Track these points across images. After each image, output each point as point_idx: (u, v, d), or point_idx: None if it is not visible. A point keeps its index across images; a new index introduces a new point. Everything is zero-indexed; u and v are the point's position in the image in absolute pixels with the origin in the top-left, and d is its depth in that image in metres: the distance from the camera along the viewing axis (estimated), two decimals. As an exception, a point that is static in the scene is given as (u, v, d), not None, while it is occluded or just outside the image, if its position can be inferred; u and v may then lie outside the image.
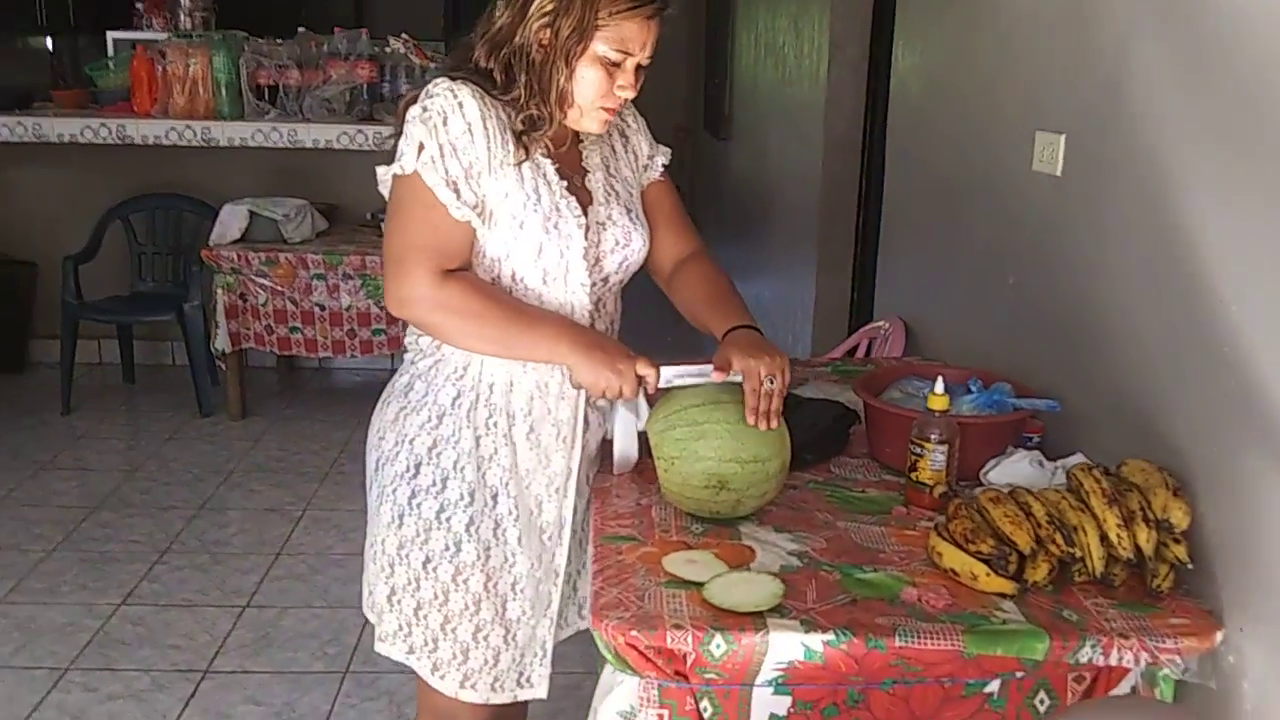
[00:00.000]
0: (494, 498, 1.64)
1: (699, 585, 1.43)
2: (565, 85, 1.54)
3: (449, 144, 1.50)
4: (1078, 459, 1.73)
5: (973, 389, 1.89)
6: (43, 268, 4.86)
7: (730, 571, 1.47)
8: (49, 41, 6.64)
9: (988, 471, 1.78)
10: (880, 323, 3.04)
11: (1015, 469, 1.76)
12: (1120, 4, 1.75)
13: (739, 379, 1.60)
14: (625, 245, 1.68)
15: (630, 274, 1.75)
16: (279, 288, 4.31)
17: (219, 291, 4.31)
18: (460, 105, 1.51)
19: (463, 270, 1.57)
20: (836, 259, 3.89)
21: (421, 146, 1.50)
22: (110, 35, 5.43)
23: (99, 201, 4.67)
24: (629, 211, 1.70)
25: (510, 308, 1.58)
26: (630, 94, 1.59)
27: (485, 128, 1.51)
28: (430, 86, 1.54)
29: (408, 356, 1.70)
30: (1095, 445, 1.77)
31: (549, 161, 1.59)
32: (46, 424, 4.32)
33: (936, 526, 1.56)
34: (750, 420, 1.58)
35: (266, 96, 4.75)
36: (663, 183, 1.82)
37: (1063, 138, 1.93)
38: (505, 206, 1.55)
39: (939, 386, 1.71)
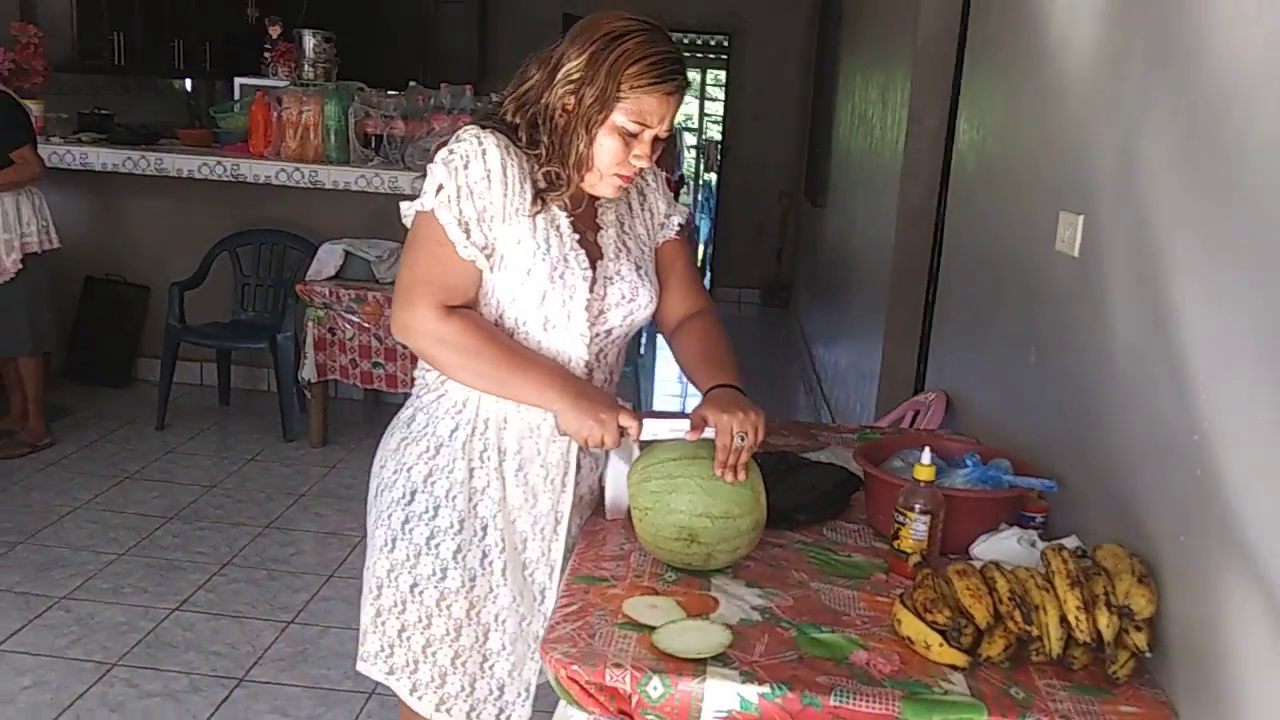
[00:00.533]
0: (483, 529, 1.72)
1: (652, 629, 1.48)
2: (584, 151, 1.63)
3: (466, 186, 1.60)
4: (1072, 541, 1.72)
5: (969, 463, 1.90)
6: (155, 291, 5.18)
7: (685, 619, 1.51)
8: (189, 84, 7.11)
9: (976, 546, 1.78)
10: (926, 395, 3.04)
11: (1002, 546, 1.75)
12: (1132, 88, 1.77)
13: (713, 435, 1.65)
14: (631, 300, 1.75)
15: (636, 328, 1.82)
16: (365, 324, 4.51)
17: (310, 324, 4.54)
18: (484, 152, 1.61)
19: (467, 308, 1.66)
20: (904, 329, 3.89)
21: (440, 186, 1.61)
22: (238, 81, 5.81)
23: (210, 233, 4.98)
24: (638, 268, 1.77)
25: (507, 349, 1.66)
26: (645, 164, 1.67)
27: (505, 175, 1.61)
28: (460, 132, 1.65)
29: (415, 390, 1.79)
30: (1088, 528, 1.76)
31: (564, 215, 1.67)
32: (141, 437, 4.59)
33: (902, 594, 1.57)
34: (718, 473, 1.62)
35: (372, 144, 5.01)
36: (677, 242, 1.90)
37: (1081, 218, 1.94)
38: (516, 253, 1.64)
39: (925, 457, 1.73)
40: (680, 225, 1.90)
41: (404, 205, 1.69)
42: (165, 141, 5.25)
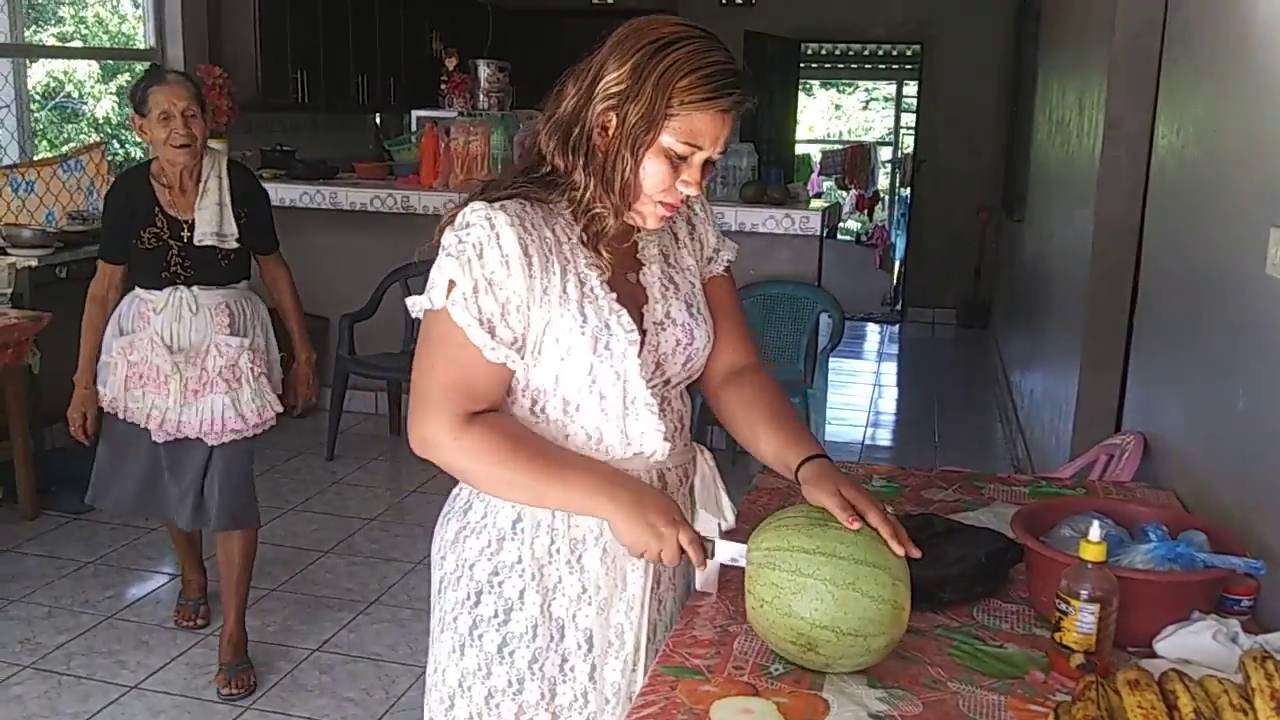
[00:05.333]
0: (560, 631, 1.51)
1: (739, 741, 1.24)
2: (630, 177, 1.39)
3: (483, 280, 1.38)
4: (1281, 639, 1.38)
5: (1153, 536, 1.56)
6: (332, 323, 5.28)
7: (781, 730, 1.27)
8: (377, 118, 7.32)
9: (1161, 640, 1.45)
10: (1122, 436, 2.64)
11: (1194, 642, 1.42)
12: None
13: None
14: (689, 344, 1.51)
15: (696, 373, 1.58)
16: (526, 354, 4.42)
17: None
18: (497, 236, 1.38)
19: (490, 410, 1.44)
20: (1103, 357, 3.46)
21: (452, 284, 1.38)
22: (414, 113, 5.90)
23: (383, 264, 5.03)
24: (689, 306, 1.53)
25: (540, 453, 1.43)
26: (694, 191, 1.43)
27: (525, 255, 1.38)
28: (466, 212, 1.41)
29: None
30: (1310, 623, 1.40)
31: (593, 273, 1.44)
32: (310, 468, 4.66)
33: (1059, 708, 1.27)
34: (899, 551, 1.37)
35: (539, 171, 4.95)
36: (725, 279, 1.64)
37: (1301, 236, 1.58)
38: (549, 335, 1.42)
39: (1094, 532, 1.41)
40: (729, 262, 1.64)
41: (409, 301, 1.45)
42: (343, 175, 5.36)
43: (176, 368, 2.82)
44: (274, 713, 2.79)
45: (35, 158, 5.11)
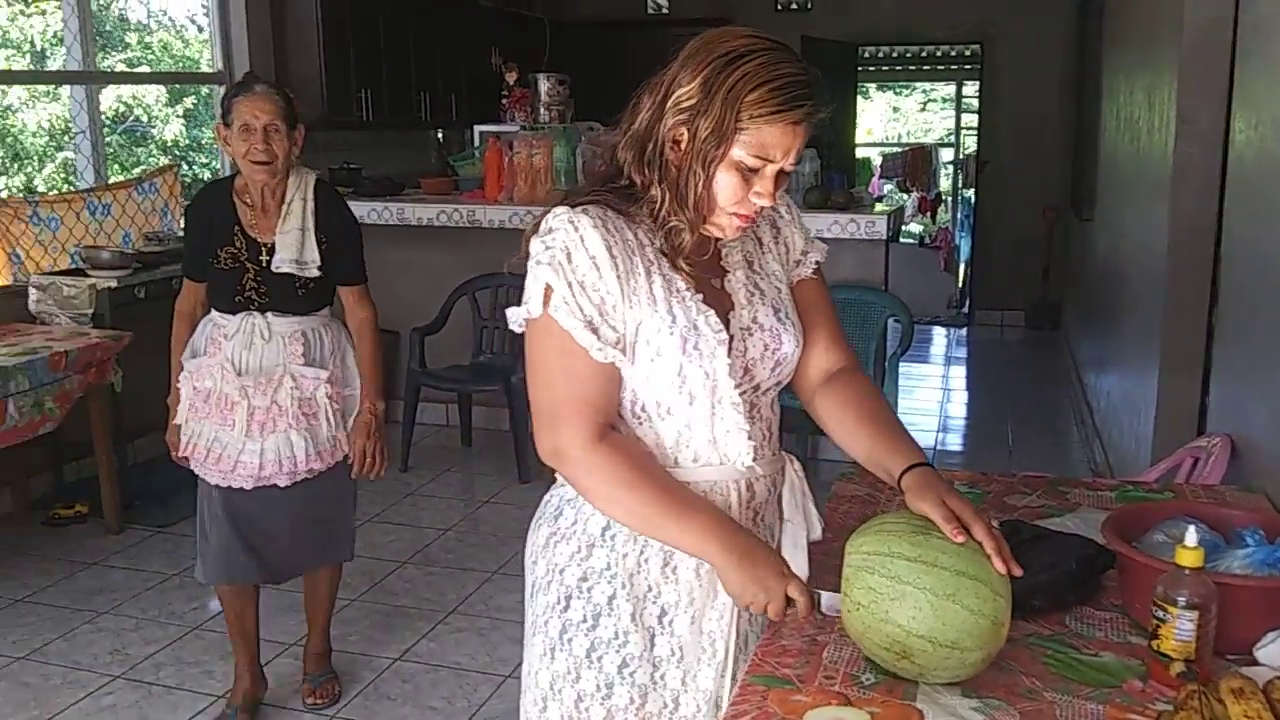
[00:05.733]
0: (651, 638, 1.52)
1: (835, 751, 1.24)
2: (702, 192, 1.41)
3: (577, 282, 1.40)
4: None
5: (1250, 540, 1.53)
6: (402, 337, 5.36)
7: (876, 739, 1.26)
8: (440, 133, 7.42)
9: (1262, 647, 1.42)
10: (1208, 439, 2.59)
11: (1298, 649, 1.39)
12: None
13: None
14: (776, 349, 1.52)
15: (786, 379, 1.58)
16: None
17: (541, 365, 4.52)
18: (581, 238, 1.40)
19: (615, 429, 1.46)
20: (1183, 357, 3.38)
21: (549, 289, 1.40)
22: (477, 128, 5.97)
23: (450, 278, 5.10)
24: (776, 311, 1.54)
25: (662, 487, 1.44)
26: (767, 203, 1.43)
27: (611, 256, 1.40)
28: (549, 218, 1.44)
29: (557, 477, 1.59)
30: None
31: (678, 275, 1.46)
32: (385, 479, 4.69)
33: (1159, 717, 1.26)
34: (1001, 569, 1.36)
35: (601, 182, 4.98)
36: (816, 281, 1.64)
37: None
38: (641, 335, 1.44)
39: (1190, 537, 1.39)
40: (818, 263, 1.64)
41: (510, 314, 1.48)
42: (410, 191, 5.44)
43: (244, 393, 2.62)
44: (358, 721, 2.85)
45: (110, 181, 5.26)
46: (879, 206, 5.43)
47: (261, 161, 2.56)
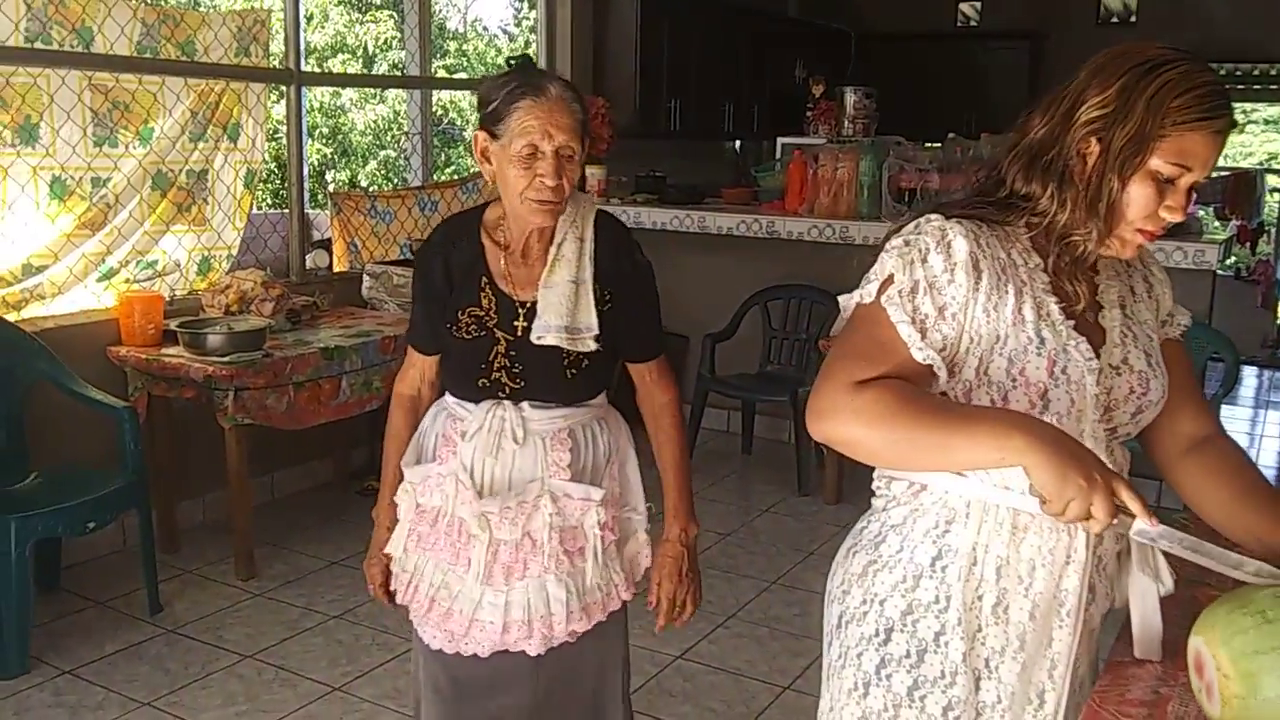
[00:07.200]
0: (976, 682, 1.46)
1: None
2: (1114, 202, 1.36)
3: (924, 281, 1.36)
4: None
5: None
6: (692, 341, 5.48)
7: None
8: (738, 145, 7.53)
9: None
10: None
11: None
12: None
13: None
14: (1143, 394, 1.43)
15: (1140, 428, 1.49)
16: (885, 383, 4.38)
17: (828, 379, 4.50)
18: (949, 244, 1.36)
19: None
20: None
21: (890, 279, 1.37)
22: (779, 140, 6.01)
23: (744, 287, 5.16)
24: (1148, 356, 1.45)
25: (941, 406, 1.35)
26: (1178, 217, 1.36)
27: (976, 269, 1.36)
28: (921, 221, 1.41)
29: (877, 502, 1.55)
30: None
31: (1052, 299, 1.40)
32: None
33: None
34: None
35: (906, 199, 4.90)
36: (1180, 344, 1.56)
37: None
38: (1001, 353, 1.38)
39: None
40: (1185, 327, 1.56)
41: (843, 298, 1.43)
42: (710, 201, 5.56)
43: (485, 522, 1.85)
44: (643, 713, 2.91)
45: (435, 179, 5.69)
46: (1206, 234, 5.03)
47: (548, 202, 1.80)
